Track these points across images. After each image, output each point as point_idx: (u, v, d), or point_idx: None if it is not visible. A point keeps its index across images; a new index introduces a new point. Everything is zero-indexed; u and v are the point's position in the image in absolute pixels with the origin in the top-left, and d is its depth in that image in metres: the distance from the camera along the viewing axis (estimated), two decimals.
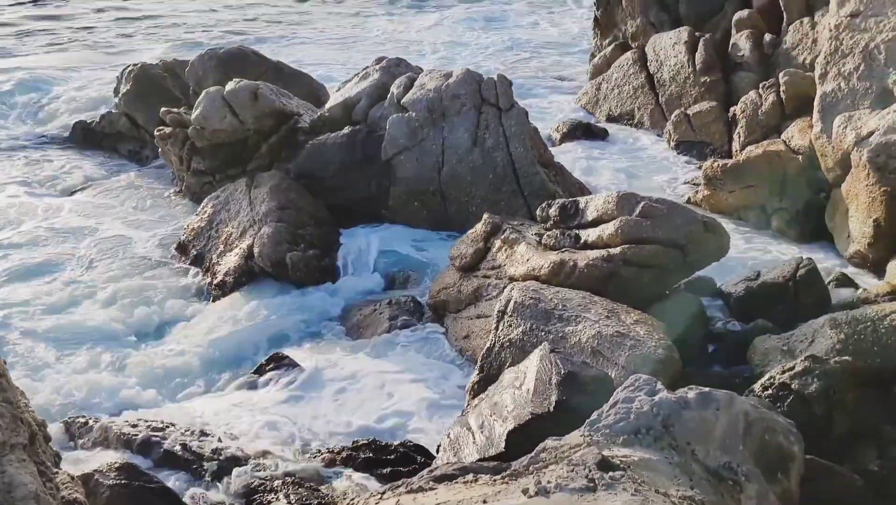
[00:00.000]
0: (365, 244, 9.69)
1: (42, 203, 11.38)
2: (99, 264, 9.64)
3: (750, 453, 3.62)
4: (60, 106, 15.02)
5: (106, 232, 10.48)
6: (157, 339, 8.25)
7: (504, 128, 10.49)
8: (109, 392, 7.18)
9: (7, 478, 2.54)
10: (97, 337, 8.16)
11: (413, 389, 7.24)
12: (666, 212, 7.67)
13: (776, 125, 10.73)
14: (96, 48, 18.85)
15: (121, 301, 8.81)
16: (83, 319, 8.51)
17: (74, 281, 9.30)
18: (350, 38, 19.77)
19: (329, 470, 5.85)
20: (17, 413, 2.74)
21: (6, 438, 2.62)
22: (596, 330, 6.31)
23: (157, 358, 7.81)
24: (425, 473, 3.83)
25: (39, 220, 10.84)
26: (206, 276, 9.51)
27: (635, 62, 13.85)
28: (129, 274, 9.43)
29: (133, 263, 9.69)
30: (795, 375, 5.27)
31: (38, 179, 12.20)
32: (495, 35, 19.91)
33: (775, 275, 7.75)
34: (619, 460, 3.20)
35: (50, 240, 10.29)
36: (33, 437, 2.80)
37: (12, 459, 2.60)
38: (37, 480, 2.62)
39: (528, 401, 5.11)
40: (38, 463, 2.71)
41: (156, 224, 10.77)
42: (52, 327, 8.30)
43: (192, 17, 21.96)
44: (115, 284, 9.15)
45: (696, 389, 3.87)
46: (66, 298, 8.92)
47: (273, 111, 11.19)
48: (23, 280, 9.34)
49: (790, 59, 11.56)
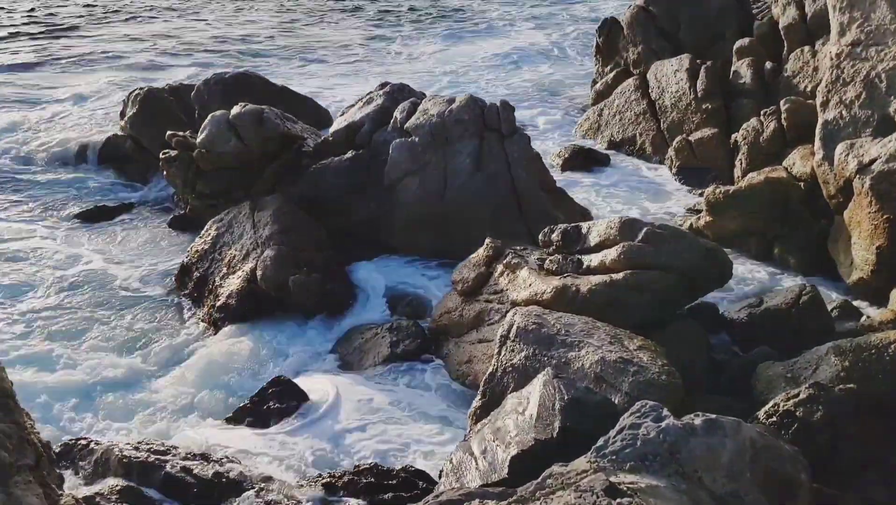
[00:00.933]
0: (371, 281, 9.70)
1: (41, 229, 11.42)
2: (84, 295, 9.62)
3: (756, 481, 3.60)
4: (66, 126, 15.10)
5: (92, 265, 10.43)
6: (162, 369, 8.21)
7: (507, 153, 10.56)
8: (108, 420, 7.18)
9: (13, 500, 2.53)
10: (99, 368, 8.15)
11: (413, 418, 7.24)
12: (668, 238, 7.69)
13: (777, 152, 10.79)
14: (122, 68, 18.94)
15: (118, 335, 8.79)
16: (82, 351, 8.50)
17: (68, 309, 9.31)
18: (361, 65, 19.94)
19: (331, 496, 5.81)
20: (23, 435, 2.73)
21: (13, 459, 2.61)
22: (599, 356, 6.30)
23: (160, 387, 7.79)
24: (430, 498, 3.80)
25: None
26: (208, 297, 9.51)
27: (637, 89, 13.98)
28: (121, 306, 9.41)
29: (122, 295, 9.66)
30: (800, 402, 5.25)
31: (40, 203, 12.23)
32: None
33: (778, 301, 7.75)
34: (626, 487, 3.18)
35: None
36: (39, 458, 2.79)
37: (19, 481, 2.59)
38: (42, 503, 2.61)
39: (531, 427, 5.08)
40: (43, 485, 2.70)
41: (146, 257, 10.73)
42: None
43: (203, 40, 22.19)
44: (107, 315, 9.13)
45: (703, 415, 3.86)
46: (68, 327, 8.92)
47: (277, 135, 11.27)
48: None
49: (791, 86, 11.67)
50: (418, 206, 10.36)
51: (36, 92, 17.23)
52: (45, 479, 2.75)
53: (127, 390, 7.69)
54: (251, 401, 7.41)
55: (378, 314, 9.17)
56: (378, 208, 10.52)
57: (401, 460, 6.56)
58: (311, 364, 8.39)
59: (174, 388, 7.76)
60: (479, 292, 8.49)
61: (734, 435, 3.65)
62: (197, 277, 9.93)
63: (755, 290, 9.15)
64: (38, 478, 2.69)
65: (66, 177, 13.27)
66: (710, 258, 7.65)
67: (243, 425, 7.12)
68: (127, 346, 8.62)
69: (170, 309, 9.53)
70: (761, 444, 3.75)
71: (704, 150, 12.32)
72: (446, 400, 7.59)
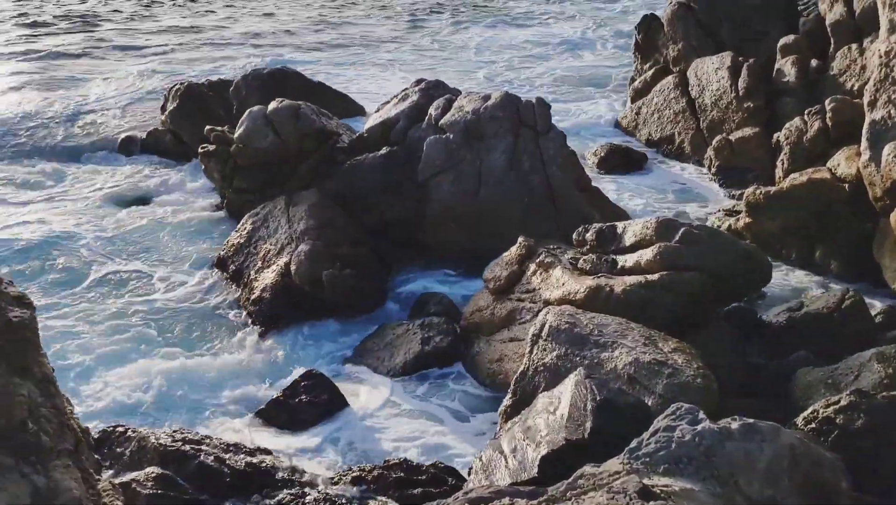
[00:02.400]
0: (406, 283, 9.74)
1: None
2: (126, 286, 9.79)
3: (795, 487, 3.51)
4: (109, 119, 15.41)
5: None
6: (198, 361, 8.32)
7: (541, 151, 10.49)
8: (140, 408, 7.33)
9: (53, 483, 2.59)
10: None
11: (442, 418, 7.27)
12: (706, 239, 7.56)
13: (821, 152, 10.53)
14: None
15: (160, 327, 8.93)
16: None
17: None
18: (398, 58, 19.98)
19: (360, 489, 5.83)
20: (63, 420, 2.80)
21: (53, 444, 2.68)
22: (633, 357, 6.22)
23: (196, 379, 7.92)
24: (460, 494, 3.79)
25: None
26: (243, 291, 9.63)
27: (676, 87, 13.77)
28: (161, 299, 9.55)
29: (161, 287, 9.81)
30: (841, 409, 5.10)
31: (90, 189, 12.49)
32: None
33: (819, 305, 7.57)
34: (660, 489, 3.13)
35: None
36: (78, 444, 2.85)
37: (58, 465, 2.65)
38: (81, 487, 2.66)
39: (562, 427, 5.04)
40: (81, 470, 2.76)
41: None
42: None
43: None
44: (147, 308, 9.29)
45: (740, 419, 3.78)
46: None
47: (314, 131, 11.36)
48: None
49: (837, 85, 11.37)
50: (452, 203, 10.34)
51: (81, 81, 17.63)
52: (83, 463, 2.81)
53: (168, 381, 7.81)
54: (283, 394, 7.48)
55: (406, 314, 9.19)
56: (412, 205, 10.53)
57: (430, 456, 6.57)
58: (340, 359, 8.44)
59: (208, 379, 7.87)
60: (511, 291, 8.45)
61: (772, 440, 3.57)
62: (233, 270, 10.06)
63: (795, 294, 8.95)
64: (77, 462, 2.76)
65: (107, 168, 13.52)
66: (748, 261, 7.50)
67: (274, 418, 7.19)
68: (166, 337, 8.75)
69: (207, 302, 9.64)
70: (800, 450, 3.65)
71: (745, 149, 12.08)
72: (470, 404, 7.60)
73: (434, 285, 9.76)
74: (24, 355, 2.72)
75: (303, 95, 12.53)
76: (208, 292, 9.79)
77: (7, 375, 2.63)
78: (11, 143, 14.15)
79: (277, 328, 8.87)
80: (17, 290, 2.83)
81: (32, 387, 2.69)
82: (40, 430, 2.65)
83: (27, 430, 2.62)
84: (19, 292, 2.81)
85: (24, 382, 2.68)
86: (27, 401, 2.64)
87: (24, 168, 13.19)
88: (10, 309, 2.75)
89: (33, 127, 14.75)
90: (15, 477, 2.51)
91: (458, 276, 9.96)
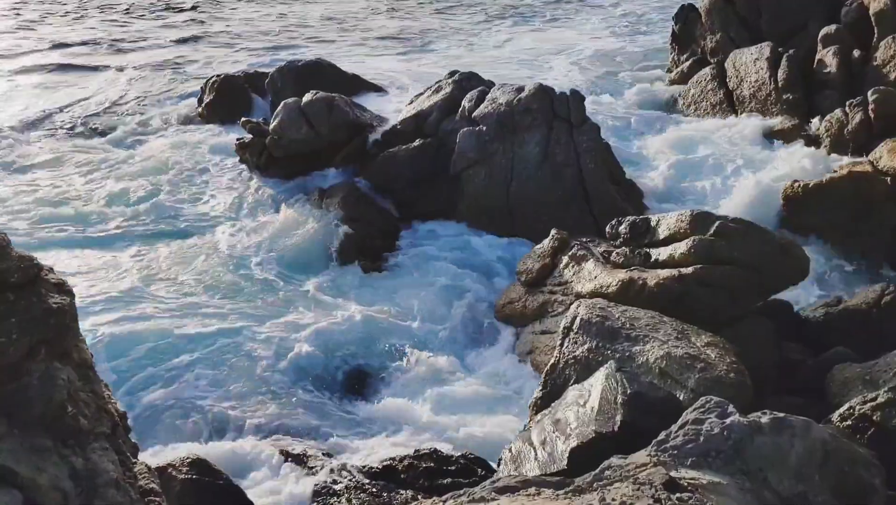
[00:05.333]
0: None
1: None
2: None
3: (827, 484, 3.46)
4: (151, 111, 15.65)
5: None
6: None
7: (575, 143, 10.42)
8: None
9: (91, 465, 2.68)
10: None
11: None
12: (742, 233, 7.44)
13: (863, 145, 10.28)
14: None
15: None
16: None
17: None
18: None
19: (390, 479, 5.90)
20: (101, 404, 2.89)
21: (91, 426, 2.77)
22: (665, 351, 6.15)
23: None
24: (488, 483, 3.82)
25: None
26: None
27: (714, 78, 13.54)
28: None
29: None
30: (878, 406, 4.99)
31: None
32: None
33: (858, 301, 7.40)
34: (687, 482, 3.11)
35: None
36: (115, 427, 2.95)
37: (96, 448, 2.74)
38: (118, 469, 2.75)
39: (592, 419, 5.02)
40: (118, 452, 2.85)
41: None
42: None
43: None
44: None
45: (771, 413, 3.73)
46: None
47: (347, 123, 11.45)
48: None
49: (880, 76, 11.08)
50: (485, 195, 10.35)
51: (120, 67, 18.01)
52: (120, 446, 2.91)
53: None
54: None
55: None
56: (445, 198, 10.55)
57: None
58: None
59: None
60: (544, 283, 8.42)
61: (804, 435, 3.51)
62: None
63: (833, 288, 8.76)
64: (114, 445, 2.85)
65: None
66: (785, 254, 7.36)
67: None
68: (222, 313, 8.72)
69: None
70: (833, 446, 3.59)
71: (784, 142, 11.84)
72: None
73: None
74: (63, 341, 2.82)
75: (337, 87, 12.62)
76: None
77: (47, 360, 2.73)
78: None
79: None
80: (58, 276, 2.93)
81: (72, 372, 2.78)
82: (79, 413, 2.74)
83: (66, 413, 2.72)
84: (59, 279, 2.90)
85: (63, 367, 2.77)
86: (66, 385, 2.73)
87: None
88: (51, 296, 2.85)
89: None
90: (54, 459, 2.61)
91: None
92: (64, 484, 2.61)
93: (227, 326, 8.26)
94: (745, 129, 12.04)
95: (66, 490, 2.60)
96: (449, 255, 9.76)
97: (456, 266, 9.50)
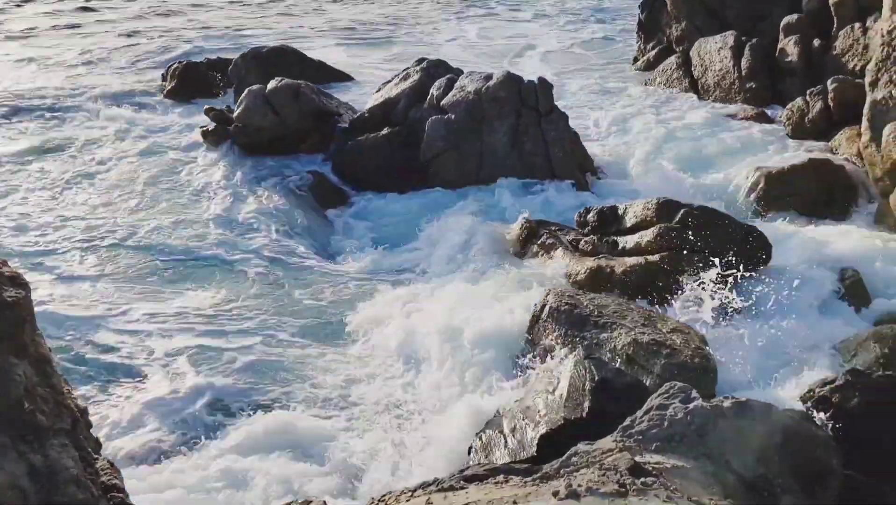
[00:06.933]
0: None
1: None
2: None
3: (787, 466, 3.54)
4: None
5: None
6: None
7: (543, 132, 10.45)
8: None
9: (50, 462, 2.62)
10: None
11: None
12: (707, 219, 7.55)
13: (823, 132, 10.48)
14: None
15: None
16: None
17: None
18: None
19: None
20: (60, 399, 2.82)
21: (50, 422, 2.71)
22: (632, 337, 6.23)
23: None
24: (456, 472, 3.83)
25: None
26: None
27: (679, 66, 13.67)
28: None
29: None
30: (836, 388, 5.13)
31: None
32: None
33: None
34: (652, 467, 3.15)
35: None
36: (75, 423, 2.88)
37: (55, 444, 2.68)
38: (78, 466, 2.69)
39: (560, 406, 5.07)
40: (79, 448, 2.79)
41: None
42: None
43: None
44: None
45: (733, 398, 3.80)
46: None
47: (313, 110, 11.32)
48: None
49: (839, 65, 11.28)
50: (454, 183, 10.32)
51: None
52: (81, 442, 2.85)
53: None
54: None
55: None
56: (413, 187, 10.51)
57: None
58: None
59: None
60: None
61: (764, 418, 3.59)
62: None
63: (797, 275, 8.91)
64: (75, 441, 2.79)
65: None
66: (749, 240, 7.50)
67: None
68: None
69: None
70: (793, 428, 3.68)
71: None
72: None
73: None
74: (19, 335, 2.75)
75: (303, 75, 12.47)
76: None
77: (3, 355, 2.66)
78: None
79: None
80: (12, 269, 2.85)
81: (28, 367, 2.71)
82: (36, 409, 2.68)
83: (23, 409, 2.66)
84: (14, 272, 2.83)
85: (19, 361, 2.70)
86: (23, 380, 2.66)
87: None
88: (5, 289, 2.77)
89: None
90: (12, 456, 2.54)
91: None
92: (22, 482, 2.55)
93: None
94: (709, 117, 12.16)
95: (24, 488, 2.54)
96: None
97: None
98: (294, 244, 9.29)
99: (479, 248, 8.53)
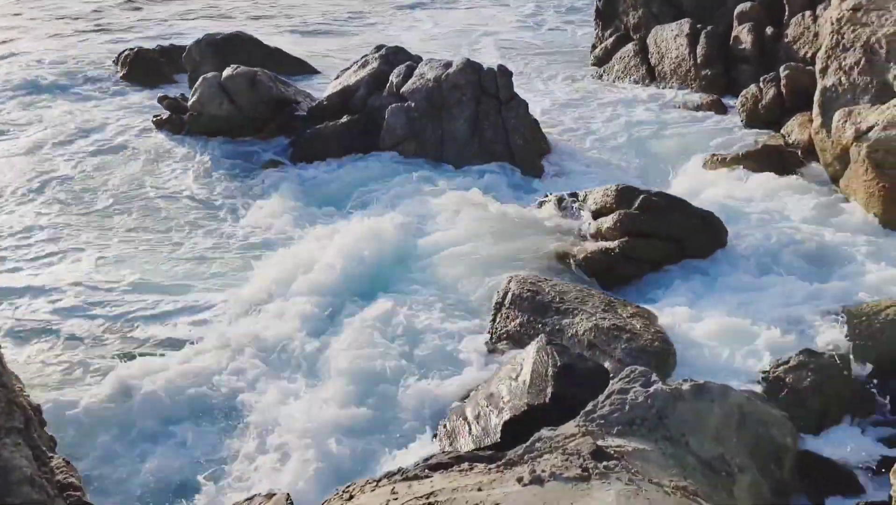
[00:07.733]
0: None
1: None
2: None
3: (744, 445, 3.63)
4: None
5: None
6: None
7: (504, 119, 10.47)
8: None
9: (2, 462, 2.55)
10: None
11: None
12: (664, 206, 7.67)
13: (776, 119, 10.70)
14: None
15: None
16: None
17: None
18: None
19: None
20: (12, 397, 2.75)
21: (1, 422, 2.63)
22: (593, 323, 6.31)
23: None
24: (421, 461, 3.84)
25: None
26: None
27: (636, 54, 13.79)
28: None
29: None
30: (790, 369, 5.28)
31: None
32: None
33: None
34: (614, 450, 3.21)
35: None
36: (29, 421, 2.81)
37: (7, 444, 2.61)
38: (32, 465, 2.63)
39: (524, 392, 5.11)
40: (33, 447, 2.72)
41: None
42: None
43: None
44: None
45: (691, 381, 3.88)
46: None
47: (270, 98, 11.15)
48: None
49: (791, 52, 11.52)
50: None
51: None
52: (35, 441, 2.78)
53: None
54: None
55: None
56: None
57: None
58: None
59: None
60: None
61: (722, 400, 3.68)
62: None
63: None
64: (28, 440, 2.72)
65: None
66: (706, 225, 7.65)
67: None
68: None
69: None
70: (749, 409, 3.78)
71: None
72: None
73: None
74: None
75: (259, 62, 12.25)
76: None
77: None
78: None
79: None
80: None
81: None
82: None
83: None
84: None
85: None
86: None
87: None
88: None
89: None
90: None
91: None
92: None
93: None
94: (664, 104, 12.33)
95: None
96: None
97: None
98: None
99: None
